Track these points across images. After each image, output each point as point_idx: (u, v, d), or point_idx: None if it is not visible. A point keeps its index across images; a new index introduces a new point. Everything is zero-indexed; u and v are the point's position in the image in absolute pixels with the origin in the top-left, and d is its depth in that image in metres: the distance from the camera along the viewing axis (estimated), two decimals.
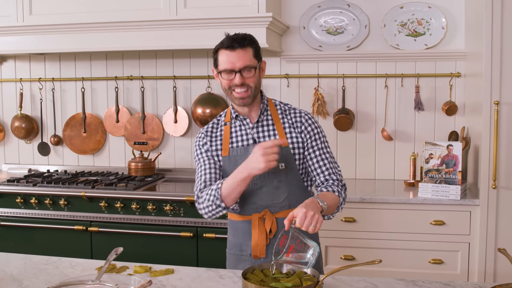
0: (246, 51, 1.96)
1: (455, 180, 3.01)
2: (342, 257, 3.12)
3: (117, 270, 1.93)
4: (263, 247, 2.02)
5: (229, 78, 1.97)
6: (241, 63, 1.95)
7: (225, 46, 1.97)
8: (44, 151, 4.12)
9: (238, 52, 1.95)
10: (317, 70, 3.66)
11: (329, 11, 3.62)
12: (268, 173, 1.98)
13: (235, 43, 1.95)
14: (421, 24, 3.51)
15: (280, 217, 2.03)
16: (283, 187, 2.03)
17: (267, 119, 2.09)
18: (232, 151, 2.06)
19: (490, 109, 2.92)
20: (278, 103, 2.15)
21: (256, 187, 2.02)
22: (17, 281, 1.83)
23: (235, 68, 1.95)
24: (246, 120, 2.08)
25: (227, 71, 1.96)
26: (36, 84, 4.09)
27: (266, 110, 2.10)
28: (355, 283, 1.79)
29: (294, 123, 2.09)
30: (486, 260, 2.97)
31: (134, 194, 3.27)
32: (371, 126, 3.63)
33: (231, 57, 1.95)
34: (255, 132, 2.08)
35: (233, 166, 2.01)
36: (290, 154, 2.04)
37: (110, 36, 3.42)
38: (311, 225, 1.69)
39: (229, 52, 1.95)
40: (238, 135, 2.09)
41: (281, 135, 2.06)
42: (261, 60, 2.05)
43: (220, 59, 1.99)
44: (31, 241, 3.42)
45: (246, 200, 2.05)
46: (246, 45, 1.97)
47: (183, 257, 3.18)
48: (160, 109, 3.93)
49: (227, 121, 2.12)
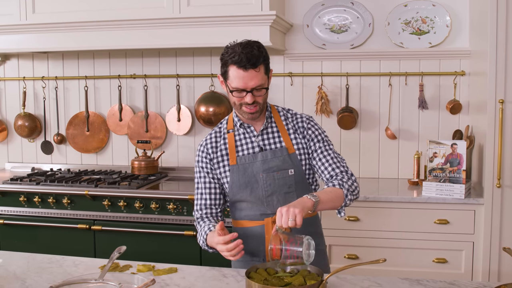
0: (259, 71, 1.92)
1: (459, 179, 3.00)
2: (346, 256, 3.11)
3: (121, 269, 1.93)
4: (278, 250, 2.00)
5: (239, 96, 1.95)
6: (253, 83, 1.92)
7: (238, 65, 1.89)
8: (47, 150, 4.12)
9: (250, 73, 1.90)
10: (320, 69, 3.65)
11: (333, 9, 3.61)
12: (277, 179, 2.01)
13: (248, 65, 1.89)
14: (425, 22, 3.49)
15: None
16: (293, 192, 2.03)
17: (272, 126, 2.09)
18: (240, 160, 2.04)
19: (494, 108, 2.90)
20: (281, 109, 2.14)
21: (266, 194, 2.02)
22: (20, 279, 1.83)
23: (247, 88, 1.92)
24: (250, 128, 2.08)
25: (239, 90, 1.94)
26: (39, 83, 4.09)
27: (270, 118, 2.09)
28: (359, 282, 1.78)
29: (297, 129, 2.09)
30: (490, 259, 2.95)
31: (137, 193, 3.26)
32: (375, 124, 3.62)
33: (243, 77, 1.90)
34: (260, 139, 2.07)
35: (242, 175, 2.01)
36: (298, 161, 2.04)
37: (113, 35, 3.41)
38: (290, 219, 1.67)
39: (242, 72, 1.90)
40: (243, 143, 2.08)
41: (287, 141, 2.05)
42: (269, 70, 2.02)
43: (230, 75, 1.93)
44: (34, 240, 3.42)
45: (256, 207, 2.04)
46: (258, 64, 1.91)
47: (187, 255, 3.17)
48: (163, 108, 3.93)
49: (230, 129, 2.10)
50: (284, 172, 2.02)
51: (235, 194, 2.05)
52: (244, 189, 2.02)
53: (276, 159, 2.02)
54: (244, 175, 2.01)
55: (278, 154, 2.03)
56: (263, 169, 2.01)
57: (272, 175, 2.01)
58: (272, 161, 2.02)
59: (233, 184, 2.04)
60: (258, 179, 2.01)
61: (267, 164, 2.02)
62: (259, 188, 2.01)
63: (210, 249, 2.01)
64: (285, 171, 2.02)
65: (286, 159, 2.03)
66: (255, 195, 2.02)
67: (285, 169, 2.02)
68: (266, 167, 2.01)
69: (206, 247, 2.02)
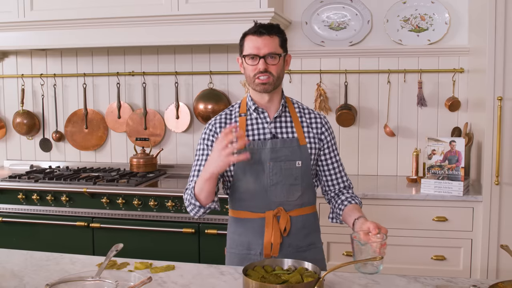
0: (273, 39, 1.95)
1: (457, 176, 3.00)
2: (344, 253, 3.11)
3: (118, 267, 1.93)
4: (277, 245, 1.98)
5: (253, 64, 1.95)
6: (266, 50, 1.93)
7: (252, 32, 1.96)
8: (46, 147, 4.12)
9: (264, 39, 1.94)
10: (319, 66, 3.64)
11: (332, 6, 3.61)
12: (284, 169, 1.98)
13: (263, 29, 1.94)
14: (424, 20, 3.49)
15: (293, 215, 2.01)
16: (298, 184, 2.01)
17: (286, 115, 2.07)
18: (249, 144, 2.00)
19: (493, 105, 2.90)
20: (296, 101, 2.13)
21: (271, 182, 1.99)
22: (18, 277, 1.83)
23: (260, 53, 1.93)
24: (264, 113, 2.04)
25: (251, 55, 1.94)
26: (38, 80, 4.09)
27: (285, 106, 2.07)
28: (356, 279, 1.78)
29: (311, 124, 2.08)
30: (488, 256, 2.96)
31: (136, 190, 3.26)
32: (374, 122, 3.62)
33: (257, 43, 1.94)
34: (273, 127, 2.04)
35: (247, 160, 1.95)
36: (307, 153, 2.03)
37: (111, 32, 3.41)
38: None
39: (256, 38, 1.94)
40: (254, 128, 2.04)
41: (299, 133, 2.03)
42: (287, 52, 2.03)
43: (245, 45, 1.97)
44: (32, 238, 3.42)
45: (258, 196, 2.00)
46: (273, 33, 1.96)
47: (185, 253, 3.17)
48: (162, 105, 3.92)
49: (243, 112, 2.07)
50: (292, 163, 1.99)
51: (239, 179, 2.01)
52: (249, 175, 1.99)
53: (285, 149, 2.00)
54: (250, 161, 1.96)
55: (288, 144, 2.00)
56: (271, 157, 1.98)
57: (279, 165, 1.98)
58: (280, 150, 1.99)
59: (238, 168, 2.00)
60: (265, 167, 1.98)
61: (276, 153, 1.99)
62: (264, 176, 1.98)
63: (197, 201, 1.94)
64: (293, 162, 1.99)
65: (296, 150, 2.00)
66: (259, 182, 1.98)
67: (293, 160, 1.99)
68: (274, 156, 1.98)
69: (193, 200, 1.95)
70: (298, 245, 2.03)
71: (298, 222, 2.03)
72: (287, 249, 2.01)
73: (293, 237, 2.02)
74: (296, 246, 2.03)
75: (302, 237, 2.04)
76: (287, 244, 2.01)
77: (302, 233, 2.04)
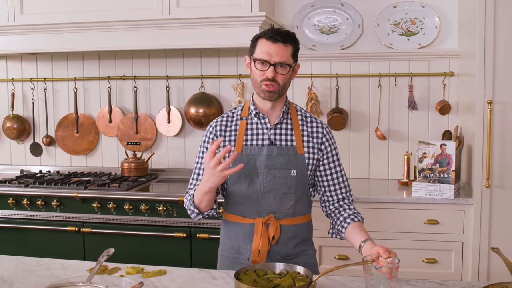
0: (286, 48, 1.92)
1: (448, 179, 3.01)
2: (336, 256, 3.11)
3: (109, 272, 1.91)
4: (264, 253, 1.96)
5: (262, 69, 1.93)
6: (278, 58, 1.91)
7: (267, 36, 1.92)
8: (36, 152, 4.09)
9: (278, 46, 1.91)
10: (310, 70, 3.65)
11: (323, 10, 3.62)
12: (278, 177, 1.97)
13: (278, 37, 1.91)
14: (414, 24, 3.51)
15: (284, 224, 1.99)
16: (292, 193, 1.99)
17: (287, 122, 2.05)
18: (246, 149, 2.00)
19: (483, 108, 2.92)
20: (299, 108, 2.11)
21: (264, 189, 1.97)
22: (8, 283, 1.81)
23: (271, 60, 1.91)
24: (265, 119, 2.03)
25: (262, 61, 1.92)
26: (28, 84, 4.06)
27: (287, 113, 2.06)
28: (348, 283, 1.78)
29: (312, 133, 2.05)
30: (479, 259, 2.97)
31: (127, 195, 3.25)
32: (365, 125, 3.63)
33: (269, 49, 1.91)
34: (272, 133, 2.02)
35: (245, 165, 1.96)
36: (304, 163, 2.01)
37: (102, 36, 3.40)
38: None
39: (270, 44, 1.91)
40: (254, 133, 2.03)
41: (298, 141, 2.02)
42: (297, 61, 2.01)
43: (258, 48, 1.94)
44: (23, 243, 3.39)
45: (251, 202, 1.99)
46: (288, 41, 1.93)
47: (177, 257, 3.16)
48: (153, 109, 3.91)
49: (244, 116, 2.06)
50: (287, 171, 1.97)
51: (233, 183, 2.00)
52: (244, 180, 1.98)
53: (281, 156, 1.98)
54: (246, 166, 1.95)
55: (284, 152, 1.99)
56: (266, 164, 1.97)
57: (273, 172, 1.97)
58: (276, 158, 1.98)
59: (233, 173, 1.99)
60: (259, 173, 1.97)
61: (271, 160, 1.97)
62: (258, 182, 1.98)
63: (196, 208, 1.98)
64: (288, 171, 1.98)
65: (292, 158, 1.99)
66: (252, 188, 1.98)
67: (288, 169, 1.98)
68: (270, 163, 1.97)
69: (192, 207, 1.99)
70: (287, 254, 2.01)
71: (289, 231, 2.01)
72: (275, 257, 1.99)
73: (282, 246, 2.00)
74: (285, 255, 2.01)
75: (292, 247, 2.02)
76: (275, 252, 1.99)
77: (292, 242, 2.02)
